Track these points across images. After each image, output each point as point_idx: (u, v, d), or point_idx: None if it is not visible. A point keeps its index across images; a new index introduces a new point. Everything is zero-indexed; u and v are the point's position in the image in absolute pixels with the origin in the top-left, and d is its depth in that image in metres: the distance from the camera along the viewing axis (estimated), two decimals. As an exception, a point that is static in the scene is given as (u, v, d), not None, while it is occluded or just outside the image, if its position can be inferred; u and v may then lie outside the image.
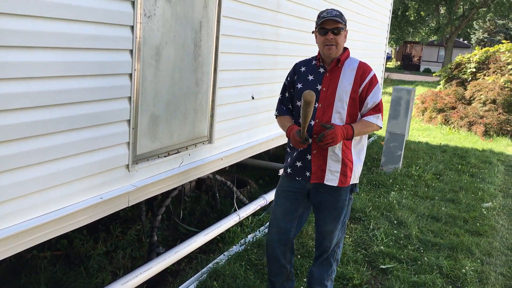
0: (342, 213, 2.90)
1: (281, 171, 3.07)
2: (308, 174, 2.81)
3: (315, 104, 2.72)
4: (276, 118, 3.01)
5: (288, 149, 2.95)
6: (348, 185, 2.84)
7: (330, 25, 2.69)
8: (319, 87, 2.77)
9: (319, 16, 2.75)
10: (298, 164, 2.83)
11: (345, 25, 2.76)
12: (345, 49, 2.83)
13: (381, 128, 2.87)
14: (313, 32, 2.83)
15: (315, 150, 2.77)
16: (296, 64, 2.93)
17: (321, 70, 2.80)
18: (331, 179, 2.78)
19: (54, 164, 2.26)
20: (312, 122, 2.74)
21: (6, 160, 2.03)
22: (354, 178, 2.86)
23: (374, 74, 2.82)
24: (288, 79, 2.93)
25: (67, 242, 3.65)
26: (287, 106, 2.93)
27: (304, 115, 2.52)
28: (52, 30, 2.11)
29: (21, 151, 2.09)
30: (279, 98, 2.98)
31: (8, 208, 2.08)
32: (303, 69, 2.86)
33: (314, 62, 2.86)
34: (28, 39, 2.02)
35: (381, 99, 2.82)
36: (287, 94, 2.93)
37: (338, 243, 3.02)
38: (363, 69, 2.78)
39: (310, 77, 2.80)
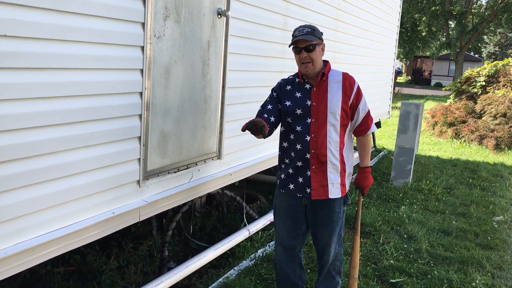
0: (337, 226, 2.94)
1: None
2: (308, 190, 2.85)
3: (308, 119, 2.79)
4: None
5: (283, 165, 2.97)
6: (346, 193, 2.93)
7: (302, 44, 2.74)
8: (308, 102, 2.82)
9: (292, 35, 2.80)
10: (300, 180, 2.87)
11: (320, 39, 2.79)
12: (326, 62, 2.89)
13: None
14: (290, 46, 2.88)
15: (314, 166, 2.82)
16: (280, 82, 2.96)
17: (307, 86, 2.86)
18: (334, 192, 2.85)
19: (68, 180, 2.34)
20: (308, 138, 2.80)
21: (22, 176, 2.11)
22: (348, 185, 2.98)
23: (358, 84, 2.92)
24: (274, 94, 2.93)
25: (80, 258, 3.71)
26: (269, 116, 2.82)
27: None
28: (66, 52, 2.21)
29: (36, 168, 2.17)
30: (260, 108, 2.93)
31: (24, 222, 2.16)
32: (288, 87, 2.90)
33: (297, 80, 2.90)
34: (47, 61, 2.12)
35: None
36: (270, 106, 2.88)
37: (337, 255, 3.05)
38: (348, 80, 2.86)
39: (298, 94, 2.86)
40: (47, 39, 2.11)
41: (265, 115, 2.83)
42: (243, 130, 2.53)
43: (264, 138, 2.56)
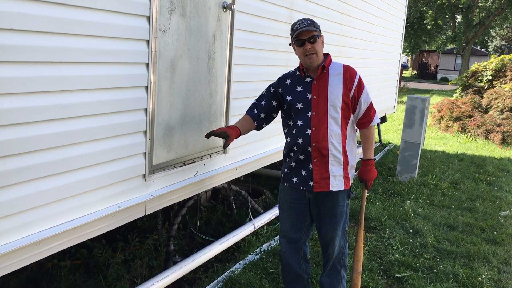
0: (341, 219, 2.94)
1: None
2: (311, 183, 2.85)
3: (308, 112, 2.79)
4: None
5: (286, 159, 2.99)
6: (349, 186, 2.92)
7: (305, 35, 2.75)
8: (309, 96, 2.82)
9: (292, 29, 2.81)
10: (303, 173, 2.87)
11: (320, 31, 2.82)
12: (326, 55, 2.89)
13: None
14: (290, 45, 2.89)
15: (315, 159, 2.82)
16: (280, 77, 2.99)
17: (308, 79, 2.86)
18: (337, 184, 2.84)
19: (74, 174, 2.34)
20: (309, 131, 2.80)
21: (28, 170, 2.11)
22: (351, 178, 2.96)
23: (359, 75, 2.91)
24: (271, 89, 2.99)
25: (86, 252, 3.73)
26: (259, 112, 2.99)
27: None
28: (72, 45, 2.20)
29: (43, 161, 2.17)
30: (254, 102, 3.05)
31: (30, 216, 2.16)
32: (288, 81, 2.91)
33: (298, 73, 2.91)
34: (53, 55, 2.11)
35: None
36: (263, 103, 2.99)
37: (342, 249, 3.05)
38: (349, 72, 2.86)
39: (299, 88, 2.86)
40: (53, 32, 2.11)
41: (255, 111, 2.99)
42: (207, 137, 2.84)
43: (225, 148, 2.81)
